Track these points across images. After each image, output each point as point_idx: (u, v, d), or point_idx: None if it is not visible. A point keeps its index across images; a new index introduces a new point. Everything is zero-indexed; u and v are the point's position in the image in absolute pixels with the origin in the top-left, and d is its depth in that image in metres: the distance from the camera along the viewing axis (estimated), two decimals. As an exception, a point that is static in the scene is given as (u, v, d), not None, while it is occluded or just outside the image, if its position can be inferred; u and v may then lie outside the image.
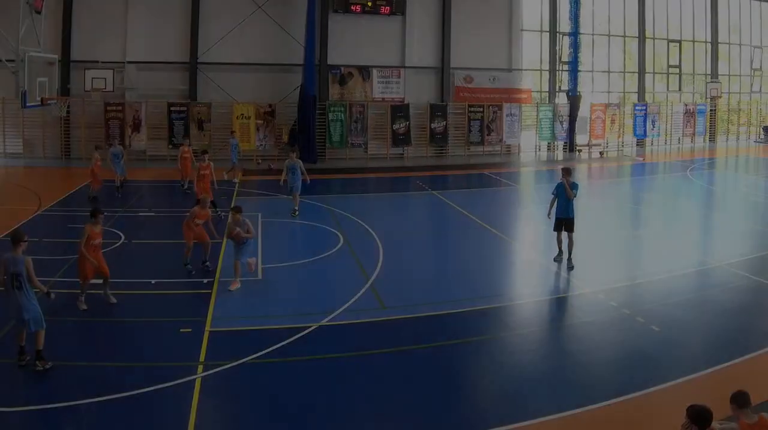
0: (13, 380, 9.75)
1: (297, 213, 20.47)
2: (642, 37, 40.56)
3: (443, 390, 9.65)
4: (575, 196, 15.42)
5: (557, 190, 15.70)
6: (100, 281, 12.76)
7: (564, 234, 15.64)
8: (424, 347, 11.20)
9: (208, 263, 15.05)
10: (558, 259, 15.72)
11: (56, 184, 26.69)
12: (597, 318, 12.50)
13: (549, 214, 15.96)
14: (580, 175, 25.45)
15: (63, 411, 8.86)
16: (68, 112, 31.77)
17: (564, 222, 15.58)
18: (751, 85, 45.38)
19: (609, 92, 40.52)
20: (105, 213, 13.83)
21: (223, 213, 20.10)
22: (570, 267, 15.28)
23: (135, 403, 9.03)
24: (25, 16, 24.45)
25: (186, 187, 24.32)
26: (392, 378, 10.06)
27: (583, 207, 15.32)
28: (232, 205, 13.18)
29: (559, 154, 38.37)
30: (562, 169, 15.94)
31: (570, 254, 15.42)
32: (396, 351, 10.98)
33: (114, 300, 12.85)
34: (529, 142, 38.07)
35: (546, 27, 38.38)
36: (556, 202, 15.77)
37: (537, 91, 38.99)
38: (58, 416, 8.81)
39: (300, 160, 21.15)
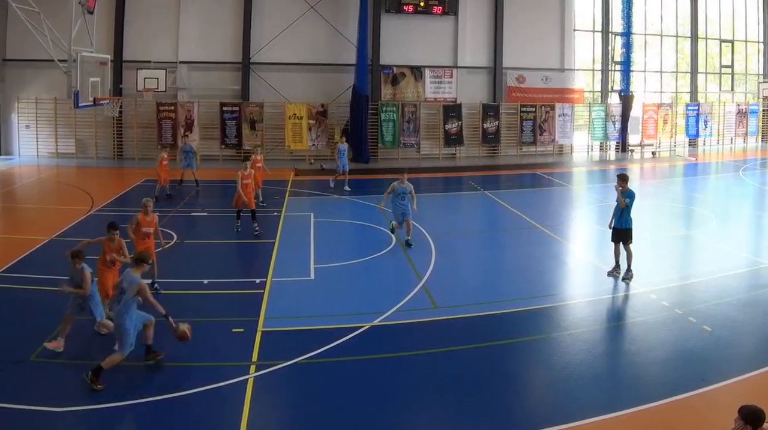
0: (68, 380, 9.60)
1: (411, 244, 17.05)
2: (694, 37, 39.43)
3: (495, 390, 9.53)
4: (627, 206, 14.25)
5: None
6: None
7: (622, 246, 14.50)
8: (476, 347, 11.04)
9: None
10: (612, 273, 14.61)
11: (108, 185, 26.36)
12: (649, 318, 12.26)
13: (610, 223, 14.71)
14: (633, 175, 24.74)
15: (117, 411, 8.80)
16: (120, 112, 31.46)
17: (617, 232, 14.45)
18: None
19: (661, 92, 39.38)
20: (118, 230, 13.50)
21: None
22: (626, 278, 14.30)
23: (188, 403, 8.99)
24: (77, 16, 24.24)
25: (167, 192, 23.16)
26: (444, 378, 9.88)
27: (635, 208, 14.53)
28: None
29: (612, 154, 37.34)
30: (618, 175, 14.75)
31: (628, 266, 14.36)
32: (448, 351, 10.82)
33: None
34: (581, 142, 37.12)
35: (598, 27, 37.38)
36: (614, 211, 14.63)
37: (589, 91, 37.94)
38: (113, 416, 8.75)
39: (411, 184, 17.39)
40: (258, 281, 14.07)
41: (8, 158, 31.97)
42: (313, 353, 10.48)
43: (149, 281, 12.65)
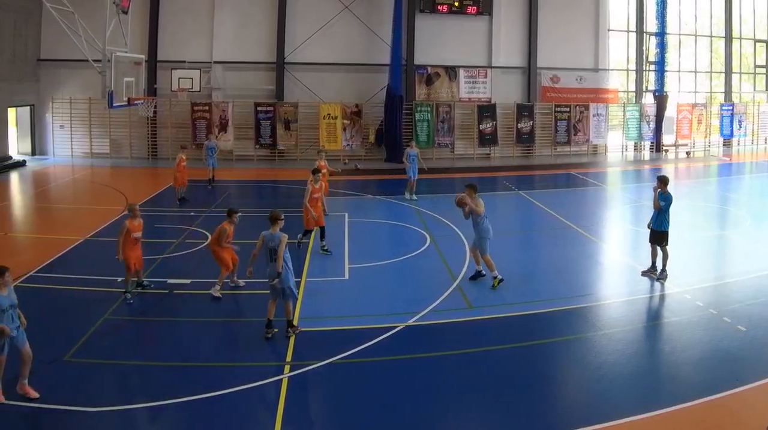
0: (103, 380, 9.61)
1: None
2: (729, 37, 38.66)
3: (531, 390, 9.43)
4: (662, 210, 14.01)
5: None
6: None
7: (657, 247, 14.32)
8: (511, 347, 10.93)
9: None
10: (647, 274, 14.40)
11: (143, 185, 26.15)
12: (683, 318, 12.13)
13: (649, 224, 14.48)
14: (667, 175, 24.16)
15: (151, 411, 8.74)
16: (155, 112, 31.03)
17: (653, 234, 14.28)
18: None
19: (695, 92, 38.67)
20: (240, 213, 13.81)
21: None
22: (660, 278, 14.07)
23: (223, 402, 8.90)
24: (112, 16, 23.94)
25: (182, 195, 22.10)
26: (479, 378, 9.79)
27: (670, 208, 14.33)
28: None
29: (646, 154, 36.70)
30: (657, 177, 14.46)
31: (663, 266, 14.13)
32: (483, 351, 10.70)
33: (243, 283, 13.48)
34: (615, 142, 36.48)
35: (632, 27, 36.71)
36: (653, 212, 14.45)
37: (624, 91, 37.29)
38: (147, 415, 8.70)
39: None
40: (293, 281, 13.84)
41: (43, 158, 31.75)
42: (347, 353, 10.37)
43: (135, 279, 13.07)
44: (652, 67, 36.34)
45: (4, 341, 8.58)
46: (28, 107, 31.96)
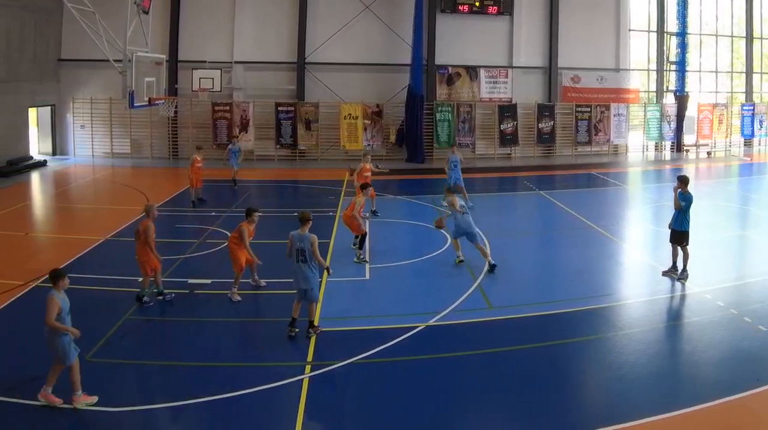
0: (124, 380, 9.58)
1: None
2: (750, 37, 38.18)
3: (551, 390, 9.36)
4: (683, 209, 13.85)
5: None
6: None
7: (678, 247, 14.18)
8: (532, 347, 10.85)
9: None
10: (667, 274, 14.26)
11: (163, 185, 25.97)
12: (704, 318, 12.06)
13: (670, 224, 14.31)
14: (688, 175, 23.78)
15: (173, 411, 8.70)
16: (176, 112, 30.88)
17: (673, 234, 14.12)
18: None
19: (716, 92, 38.25)
20: (259, 212, 13.77)
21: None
22: (681, 278, 13.94)
23: (244, 403, 8.86)
24: (132, 16, 23.75)
25: (198, 197, 21.71)
26: (500, 378, 9.75)
27: (691, 208, 14.18)
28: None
29: (667, 154, 36.34)
30: (678, 177, 14.31)
31: (684, 266, 14.01)
32: (503, 351, 10.66)
33: (264, 283, 13.49)
34: (636, 142, 36.11)
35: (653, 27, 36.33)
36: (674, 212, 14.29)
37: (644, 91, 36.89)
38: (168, 415, 8.66)
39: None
40: None
41: (64, 158, 31.60)
42: (368, 353, 10.30)
43: (156, 290, 12.76)
44: (673, 67, 35.92)
45: (70, 344, 8.49)
46: (49, 107, 31.82)
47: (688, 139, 36.35)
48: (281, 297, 12.71)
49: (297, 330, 10.92)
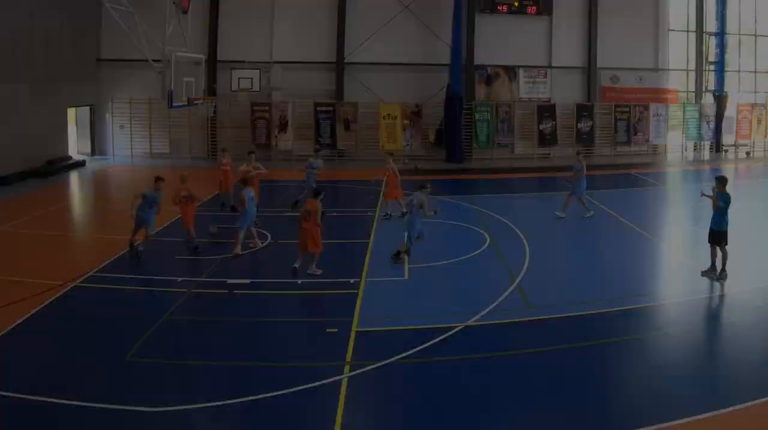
0: (161, 380, 9.36)
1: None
2: (788, 37, 37.28)
3: (590, 390, 9.21)
4: (722, 209, 13.50)
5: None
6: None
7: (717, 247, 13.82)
8: (570, 347, 10.59)
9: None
10: (707, 274, 13.84)
11: (202, 185, 24.94)
12: (743, 318, 11.88)
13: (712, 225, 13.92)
14: (727, 175, 23.13)
15: (210, 411, 8.50)
16: (214, 112, 30.35)
17: (712, 234, 13.80)
18: None
19: (755, 92, 36.80)
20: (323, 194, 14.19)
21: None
22: (720, 278, 13.59)
23: (283, 402, 8.67)
24: (171, 16, 23.31)
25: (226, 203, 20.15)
26: (538, 378, 9.54)
27: (731, 208, 13.75)
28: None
29: (706, 154, 35.29)
30: (716, 177, 14.02)
31: (723, 266, 13.63)
32: (542, 351, 10.42)
33: (319, 271, 13.66)
34: (675, 142, 35.00)
35: (692, 27, 35.14)
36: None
37: (683, 91, 35.65)
38: (206, 416, 8.45)
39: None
40: (352, 281, 13.53)
41: (102, 158, 30.94)
42: (407, 353, 10.12)
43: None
44: (712, 67, 34.84)
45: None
46: (88, 107, 31.15)
47: (726, 139, 35.21)
48: (323, 297, 12.71)
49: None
